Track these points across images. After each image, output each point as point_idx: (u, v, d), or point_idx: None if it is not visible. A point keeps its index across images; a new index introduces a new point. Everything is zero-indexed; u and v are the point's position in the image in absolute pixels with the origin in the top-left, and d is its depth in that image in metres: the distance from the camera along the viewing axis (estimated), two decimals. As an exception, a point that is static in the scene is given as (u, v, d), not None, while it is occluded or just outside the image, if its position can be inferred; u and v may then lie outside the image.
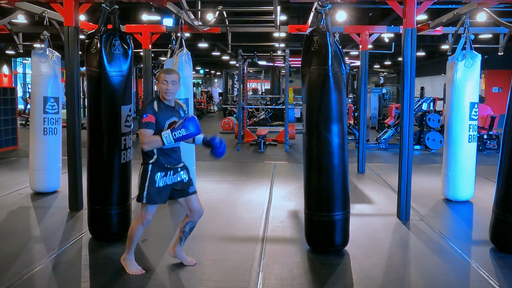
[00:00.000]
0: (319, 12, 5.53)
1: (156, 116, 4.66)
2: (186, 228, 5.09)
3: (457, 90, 7.77)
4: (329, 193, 5.44)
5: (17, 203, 7.80)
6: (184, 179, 4.94)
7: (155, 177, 4.73)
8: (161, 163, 4.76)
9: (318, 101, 5.40)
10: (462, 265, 5.38)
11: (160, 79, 4.72)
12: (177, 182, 4.89)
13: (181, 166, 4.95)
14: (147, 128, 4.60)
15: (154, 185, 4.72)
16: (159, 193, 4.78)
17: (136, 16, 14.43)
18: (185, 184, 4.94)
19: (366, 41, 10.58)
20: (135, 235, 4.89)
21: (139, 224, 4.86)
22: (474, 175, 7.96)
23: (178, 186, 4.90)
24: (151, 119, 4.61)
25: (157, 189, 4.75)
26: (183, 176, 4.94)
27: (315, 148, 5.43)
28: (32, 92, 8.46)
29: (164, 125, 4.71)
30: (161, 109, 4.72)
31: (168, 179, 4.81)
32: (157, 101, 4.75)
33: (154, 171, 4.73)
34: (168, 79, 4.70)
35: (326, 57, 5.33)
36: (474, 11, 7.72)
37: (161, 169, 4.76)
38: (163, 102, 4.77)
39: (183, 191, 4.94)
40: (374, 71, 39.00)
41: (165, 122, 4.72)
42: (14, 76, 29.06)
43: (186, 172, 4.99)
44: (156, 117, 4.65)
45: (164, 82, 4.70)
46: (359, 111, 11.07)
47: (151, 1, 7.57)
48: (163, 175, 4.78)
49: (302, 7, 15.26)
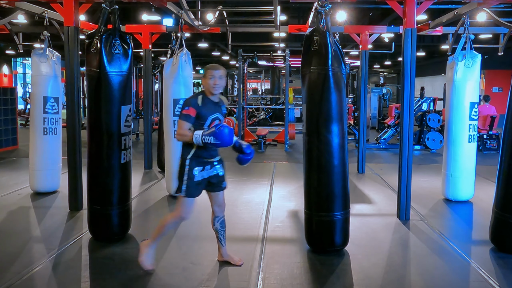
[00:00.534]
0: (319, 12, 5.52)
1: (199, 110, 4.69)
2: (217, 225, 5.15)
3: (457, 90, 7.77)
4: (329, 193, 5.44)
5: (17, 203, 7.79)
6: (219, 173, 4.98)
7: (193, 171, 4.76)
8: (199, 157, 4.78)
9: (318, 101, 5.40)
10: (462, 265, 5.38)
11: (207, 74, 4.74)
12: (213, 175, 4.92)
13: (217, 160, 4.97)
14: (184, 120, 4.65)
15: (193, 179, 4.76)
16: (197, 186, 4.82)
17: (136, 16, 14.44)
18: (220, 178, 5.00)
19: (366, 41, 10.58)
20: (166, 227, 4.95)
21: (174, 220, 4.93)
22: (474, 175, 7.96)
23: (213, 179, 4.94)
24: (191, 112, 4.65)
25: (195, 183, 4.78)
26: (219, 170, 4.98)
27: (315, 148, 5.42)
28: (32, 92, 8.46)
29: (207, 120, 4.76)
30: (205, 104, 4.75)
31: (205, 173, 4.85)
32: (202, 96, 4.78)
33: (192, 165, 4.76)
34: (216, 74, 4.72)
35: (326, 57, 5.33)
36: (474, 11, 7.73)
37: (199, 164, 4.78)
38: (208, 97, 4.80)
39: (217, 185, 5.00)
40: (374, 71, 38.99)
41: (208, 117, 4.76)
42: (14, 76, 29.06)
43: (222, 167, 5.03)
44: (198, 111, 4.68)
45: (212, 77, 4.71)
46: (359, 111, 11.07)
47: (151, 1, 7.57)
48: (201, 169, 4.80)
49: (302, 7, 15.29)
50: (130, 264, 5.27)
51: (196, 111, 4.67)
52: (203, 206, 5.44)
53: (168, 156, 8.21)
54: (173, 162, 8.11)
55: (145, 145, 11.01)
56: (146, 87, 11.23)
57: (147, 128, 10.97)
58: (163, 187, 8.74)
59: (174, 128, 7.94)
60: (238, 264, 5.17)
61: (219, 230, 5.15)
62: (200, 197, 4.88)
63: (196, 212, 7.22)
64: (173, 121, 7.97)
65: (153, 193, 8.58)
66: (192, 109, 4.65)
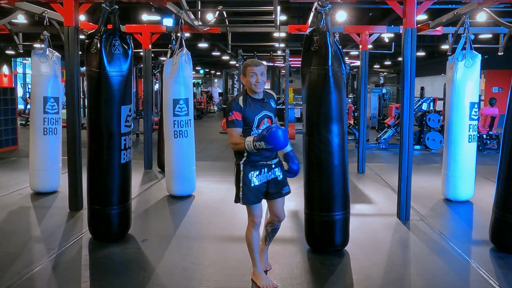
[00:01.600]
0: (319, 12, 5.51)
1: (243, 112, 4.38)
2: (268, 229, 4.93)
3: (457, 90, 7.77)
4: (329, 193, 5.43)
5: (17, 203, 7.80)
6: (278, 177, 4.64)
7: (249, 176, 4.47)
8: (253, 161, 4.49)
9: (318, 101, 5.39)
10: (462, 265, 5.37)
11: (247, 72, 4.41)
12: (271, 180, 4.60)
13: (275, 163, 4.63)
14: (233, 126, 4.37)
15: (249, 185, 4.47)
16: (255, 192, 4.50)
17: (136, 16, 14.43)
18: (280, 183, 4.66)
19: (366, 41, 10.58)
20: (251, 242, 4.60)
21: (251, 229, 4.59)
22: (474, 175, 7.96)
23: (271, 184, 4.61)
24: (237, 116, 4.34)
25: (253, 189, 4.48)
26: (277, 173, 4.64)
27: (315, 148, 5.42)
28: (32, 92, 8.46)
29: (253, 121, 4.43)
30: (248, 104, 4.43)
31: (262, 177, 4.53)
32: (243, 96, 4.46)
33: (247, 170, 4.48)
34: (257, 71, 4.39)
35: (326, 57, 5.32)
36: (474, 11, 7.72)
37: (253, 168, 4.49)
38: (250, 96, 4.48)
39: (276, 191, 4.67)
40: (374, 71, 38.99)
41: (254, 118, 4.44)
42: (14, 76, 29.02)
43: (281, 170, 4.68)
44: (243, 114, 4.38)
45: (253, 75, 4.39)
46: (359, 111, 11.07)
47: (151, 1, 7.57)
48: (258, 173, 4.50)
49: (302, 7, 15.27)
50: (130, 264, 5.28)
51: (241, 114, 4.38)
52: (202, 205, 5.44)
53: (168, 156, 8.21)
54: (173, 162, 8.12)
55: (145, 145, 11.00)
56: (146, 87, 11.23)
57: (147, 128, 10.97)
58: (163, 187, 8.74)
59: (174, 128, 7.95)
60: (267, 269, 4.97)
61: (268, 233, 4.94)
62: (201, 197, 4.87)
63: (196, 212, 7.27)
64: (173, 121, 7.96)
65: (153, 193, 8.58)
66: (236, 113, 4.35)
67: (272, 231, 4.94)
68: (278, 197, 4.67)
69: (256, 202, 4.50)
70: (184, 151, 8.08)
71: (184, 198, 8.10)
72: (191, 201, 7.96)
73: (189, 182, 8.12)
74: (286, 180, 4.71)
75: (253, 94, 4.48)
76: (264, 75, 4.43)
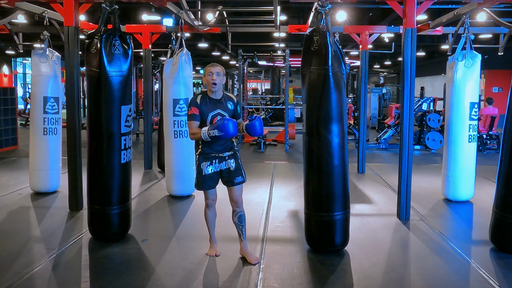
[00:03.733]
0: (319, 12, 5.52)
1: (200, 108, 5.02)
2: (235, 219, 5.35)
3: (457, 90, 7.77)
4: (329, 193, 5.43)
5: (17, 203, 7.80)
6: (231, 167, 5.21)
7: (201, 166, 5.12)
8: (205, 153, 5.11)
9: (318, 101, 5.39)
10: (462, 265, 5.37)
11: (205, 72, 5.06)
12: (224, 169, 5.19)
13: (229, 155, 5.20)
14: (191, 120, 5.01)
15: (201, 173, 5.12)
16: (206, 180, 5.14)
17: (136, 16, 14.43)
18: (231, 172, 5.20)
19: (366, 41, 10.58)
20: (207, 218, 5.43)
21: (206, 209, 5.39)
22: (474, 175, 7.96)
23: (225, 173, 5.20)
24: (194, 111, 5.00)
25: (204, 177, 5.12)
26: (230, 164, 5.20)
27: (315, 148, 5.42)
28: (32, 92, 8.46)
29: (207, 118, 5.03)
30: (205, 102, 5.06)
31: (213, 167, 5.14)
32: (201, 95, 5.11)
33: (200, 161, 5.13)
34: (213, 70, 5.03)
35: (326, 57, 5.32)
36: (474, 11, 7.72)
37: (206, 159, 5.11)
38: (208, 96, 5.10)
39: (228, 179, 5.22)
40: (374, 71, 38.96)
41: (208, 114, 5.04)
42: (14, 76, 29.05)
43: (235, 161, 5.24)
44: (199, 109, 5.01)
45: (210, 74, 5.02)
46: (359, 111, 11.08)
47: (151, 1, 7.57)
48: (209, 163, 5.12)
49: (302, 7, 15.28)
50: (130, 264, 5.28)
51: (198, 110, 5.00)
52: (202, 205, 5.44)
53: (168, 156, 8.21)
54: (173, 162, 8.12)
55: (145, 145, 11.01)
56: (146, 87, 11.23)
57: (147, 128, 10.98)
58: (163, 187, 8.74)
59: (174, 128, 7.96)
60: (252, 262, 5.21)
61: (237, 224, 5.34)
62: (201, 198, 4.88)
63: (196, 212, 7.27)
64: (173, 121, 7.97)
65: (153, 193, 8.58)
66: (194, 108, 5.00)
67: (238, 219, 5.35)
68: (232, 185, 5.24)
69: (208, 188, 5.20)
70: (184, 151, 8.07)
71: (184, 198, 8.11)
72: (191, 201, 7.97)
73: (189, 182, 8.10)
74: (241, 171, 5.28)
75: (211, 94, 5.11)
76: (220, 76, 5.07)
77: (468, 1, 7.33)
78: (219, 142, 5.06)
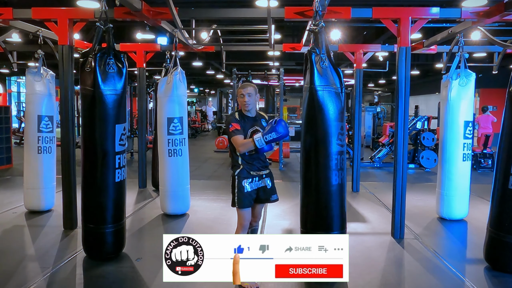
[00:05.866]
0: (312, 31, 5.54)
1: (240, 124, 5.09)
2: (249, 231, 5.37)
3: (451, 109, 7.80)
4: (326, 213, 5.41)
5: (12, 222, 7.76)
6: (267, 185, 5.30)
7: (242, 183, 5.12)
8: (246, 171, 5.14)
9: (315, 119, 5.38)
10: (457, 284, 5.37)
11: (238, 93, 5.14)
12: (261, 187, 5.25)
13: (266, 173, 5.30)
14: (236, 134, 5.02)
15: (243, 191, 5.11)
16: (248, 197, 5.14)
17: (131, 35, 14.47)
18: (268, 190, 5.31)
19: (361, 59, 10.63)
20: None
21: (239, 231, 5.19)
22: (468, 194, 7.97)
23: (261, 191, 5.26)
24: (236, 126, 5.04)
25: (246, 194, 5.12)
26: (267, 182, 5.30)
27: (313, 167, 5.40)
28: (27, 110, 8.45)
29: (247, 134, 5.10)
30: (243, 119, 5.13)
31: (254, 184, 5.18)
32: (238, 112, 5.19)
33: (241, 179, 5.12)
34: (244, 92, 5.08)
35: (311, 75, 5.32)
36: (468, 29, 7.76)
37: (247, 177, 5.14)
38: (243, 114, 5.17)
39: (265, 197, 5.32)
40: (368, 90, 39.10)
41: (247, 130, 5.11)
42: (8, 94, 29.03)
43: (271, 180, 5.35)
44: (240, 125, 5.08)
45: (242, 96, 5.09)
46: (354, 130, 11.09)
47: (146, 20, 7.59)
48: (250, 181, 5.15)
49: (296, 26, 15.35)
50: (124, 283, 5.26)
51: (239, 125, 5.07)
52: (197, 224, 5.42)
53: (163, 174, 8.19)
54: (167, 180, 8.11)
55: (139, 164, 10.99)
56: (140, 105, 11.23)
57: (141, 146, 10.97)
58: (157, 206, 8.71)
59: (168, 147, 7.95)
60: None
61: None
62: (195, 216, 4.86)
63: (190, 230, 7.24)
64: (167, 140, 7.96)
65: (147, 212, 8.55)
66: (235, 124, 5.05)
67: (252, 232, 5.43)
68: (267, 203, 5.40)
69: (247, 206, 5.14)
70: (179, 169, 8.07)
71: (178, 216, 8.07)
72: (186, 219, 7.93)
73: (183, 200, 8.10)
74: (275, 189, 5.39)
75: (246, 113, 5.16)
76: (252, 96, 5.11)
77: (462, 20, 7.38)
78: (258, 160, 5.17)
